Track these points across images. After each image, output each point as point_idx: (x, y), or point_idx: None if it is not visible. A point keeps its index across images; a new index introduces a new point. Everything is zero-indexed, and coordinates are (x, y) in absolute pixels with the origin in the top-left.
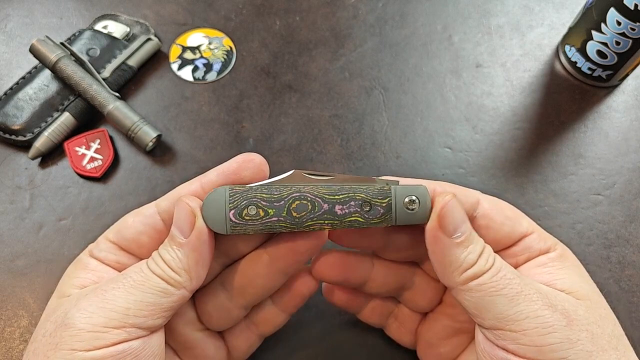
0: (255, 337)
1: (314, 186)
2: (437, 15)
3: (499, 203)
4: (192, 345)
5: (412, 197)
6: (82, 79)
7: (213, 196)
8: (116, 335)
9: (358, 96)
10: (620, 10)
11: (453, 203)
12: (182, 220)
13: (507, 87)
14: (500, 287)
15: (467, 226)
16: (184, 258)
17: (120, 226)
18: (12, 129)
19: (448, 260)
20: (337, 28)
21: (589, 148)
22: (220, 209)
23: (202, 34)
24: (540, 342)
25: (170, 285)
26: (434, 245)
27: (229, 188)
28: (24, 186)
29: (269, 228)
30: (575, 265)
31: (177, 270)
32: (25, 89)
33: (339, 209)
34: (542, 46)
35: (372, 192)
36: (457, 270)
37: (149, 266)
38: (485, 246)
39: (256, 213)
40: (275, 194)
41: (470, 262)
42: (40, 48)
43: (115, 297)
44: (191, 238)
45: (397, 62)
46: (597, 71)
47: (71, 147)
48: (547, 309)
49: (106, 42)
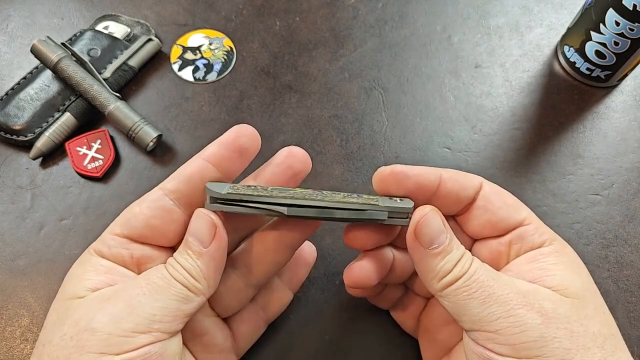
0: (261, 322)
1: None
2: (437, 15)
3: (501, 190)
4: (202, 332)
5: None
6: (83, 80)
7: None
8: (143, 339)
9: (358, 96)
10: (618, 11)
11: (429, 217)
12: (202, 230)
13: (506, 87)
14: (472, 291)
15: (445, 237)
16: (204, 267)
17: (127, 217)
18: (14, 129)
19: (426, 269)
20: (337, 29)
21: (588, 148)
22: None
23: (203, 35)
24: (513, 341)
25: (192, 293)
26: (413, 255)
27: (230, 185)
28: (25, 186)
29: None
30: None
31: (197, 278)
32: (26, 89)
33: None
34: (541, 47)
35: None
36: (435, 279)
37: (170, 272)
38: (464, 252)
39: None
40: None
41: (445, 271)
42: (41, 48)
43: (141, 304)
44: (211, 248)
45: (397, 63)
46: (596, 71)
47: (72, 147)
48: (520, 308)
49: (107, 43)
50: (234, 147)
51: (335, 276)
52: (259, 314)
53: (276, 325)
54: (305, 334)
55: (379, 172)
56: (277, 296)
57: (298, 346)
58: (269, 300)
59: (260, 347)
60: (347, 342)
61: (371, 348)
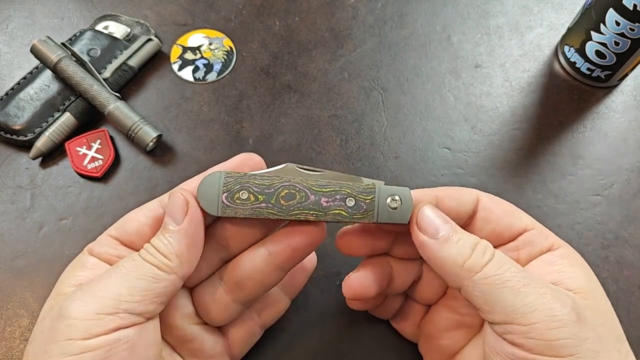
0: (256, 327)
1: (304, 178)
2: (436, 15)
3: (498, 199)
4: (189, 339)
5: (394, 197)
6: (83, 79)
7: (209, 179)
8: (110, 322)
9: (357, 96)
10: (619, 11)
11: (424, 207)
12: (175, 208)
13: (506, 87)
14: (506, 279)
15: (450, 225)
16: (176, 243)
17: (122, 221)
18: (13, 129)
19: (443, 261)
20: (337, 29)
21: (588, 148)
22: (214, 191)
23: (203, 35)
24: (550, 336)
25: (162, 271)
26: (425, 250)
27: (225, 173)
28: (24, 186)
29: (257, 213)
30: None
31: (168, 255)
32: (26, 89)
33: (324, 201)
34: (541, 46)
35: (357, 188)
36: (456, 265)
37: (141, 254)
38: (479, 241)
39: (247, 198)
40: (267, 182)
41: (464, 255)
42: (41, 48)
43: (107, 285)
44: (183, 224)
45: (396, 63)
46: (596, 71)
47: (72, 147)
48: (556, 303)
49: (107, 43)
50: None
51: (336, 277)
52: (254, 319)
53: (275, 326)
54: (305, 335)
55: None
56: (273, 303)
57: (298, 347)
58: (265, 306)
59: (259, 348)
60: (347, 343)
61: (371, 349)
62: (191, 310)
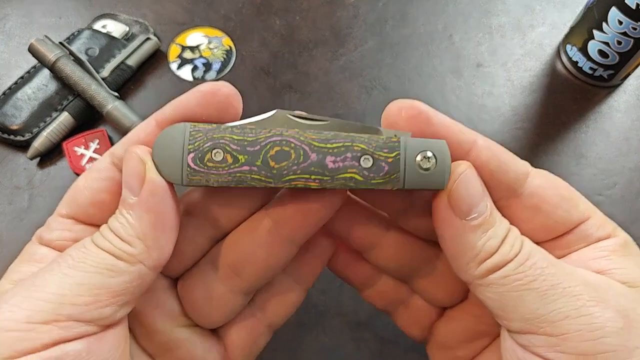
0: (262, 327)
1: (301, 130)
2: (438, 14)
3: (554, 180)
4: (175, 346)
5: (427, 153)
6: (81, 79)
7: (168, 134)
8: (45, 333)
9: (358, 96)
10: (621, 9)
11: (468, 174)
12: (129, 173)
13: (508, 86)
14: (530, 280)
15: (486, 204)
16: (136, 222)
17: (71, 193)
18: (11, 129)
19: (462, 248)
20: (338, 27)
21: (591, 148)
22: (176, 151)
23: (202, 34)
24: (587, 349)
25: (121, 260)
26: (444, 229)
27: (190, 125)
28: (22, 186)
29: (237, 180)
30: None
31: (127, 239)
32: (24, 89)
33: (330, 162)
34: (543, 46)
35: (375, 143)
36: (474, 261)
37: (94, 240)
38: (510, 228)
39: (223, 159)
40: (250, 137)
41: (490, 250)
42: (39, 47)
43: (45, 283)
44: (142, 195)
45: (398, 62)
46: (599, 71)
47: (70, 147)
48: (595, 306)
49: (105, 42)
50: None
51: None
52: (256, 316)
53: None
54: (305, 336)
55: (389, 107)
56: (282, 293)
57: (296, 348)
58: (270, 299)
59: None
60: (347, 345)
61: (373, 351)
62: (176, 309)
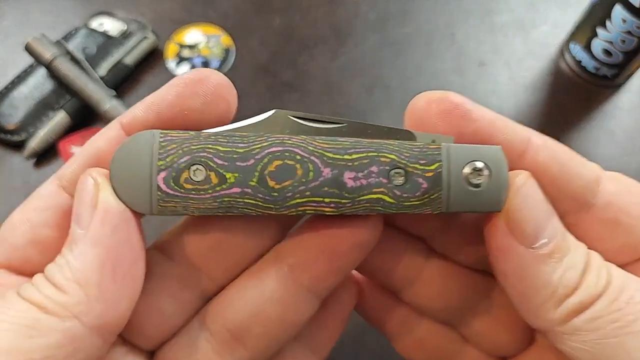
0: None
1: (309, 138)
2: (440, 13)
3: (633, 184)
4: None
5: (477, 164)
6: (78, 78)
7: (130, 145)
8: None
9: (359, 95)
10: (625, 7)
11: (530, 188)
12: (80, 201)
13: (511, 86)
14: (631, 319)
15: (555, 225)
16: (77, 260)
17: (4, 232)
18: (7, 129)
19: (531, 286)
20: (338, 26)
21: (595, 147)
22: (141, 169)
23: (200, 32)
24: None
25: (47, 314)
26: (504, 261)
27: (160, 133)
28: (18, 187)
29: (225, 207)
30: None
31: (61, 284)
32: (20, 88)
33: (350, 179)
34: (546, 44)
35: (409, 152)
36: (550, 301)
37: (19, 290)
38: (590, 253)
39: (205, 178)
40: (241, 147)
41: (570, 285)
42: (36, 46)
43: None
44: (92, 226)
45: (399, 61)
46: (603, 70)
47: (66, 147)
48: None
49: (102, 40)
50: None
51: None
52: None
53: None
54: None
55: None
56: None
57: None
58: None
59: None
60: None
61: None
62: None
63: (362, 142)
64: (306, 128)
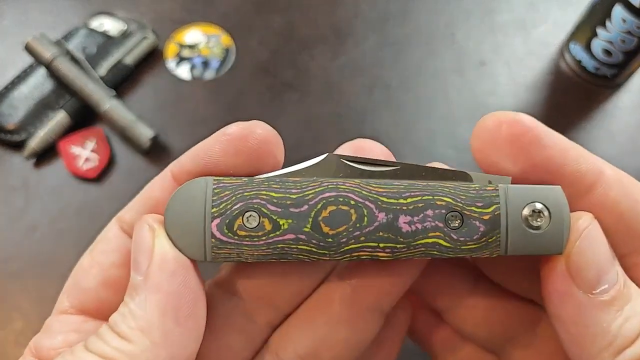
0: None
1: (363, 182)
2: (440, 12)
3: None
4: None
5: (536, 206)
6: (78, 78)
7: (184, 193)
8: None
9: (359, 95)
10: (625, 7)
11: (593, 231)
12: (137, 249)
13: (511, 85)
14: None
15: (616, 271)
16: (139, 308)
17: (73, 278)
18: (7, 129)
19: (588, 333)
20: (338, 25)
21: (595, 148)
22: (195, 217)
23: (200, 31)
24: None
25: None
26: (561, 306)
27: (213, 180)
28: (18, 187)
29: (279, 253)
30: None
31: (126, 334)
32: (20, 88)
33: (405, 223)
34: (546, 44)
35: (465, 194)
36: (608, 350)
37: (86, 343)
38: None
39: (259, 225)
40: (294, 193)
41: (629, 335)
42: (36, 46)
43: None
44: (148, 271)
45: (399, 60)
46: (603, 70)
47: (66, 147)
48: None
49: (102, 40)
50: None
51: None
52: None
53: None
54: None
55: (484, 121)
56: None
57: None
58: None
59: None
60: None
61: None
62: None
63: (417, 185)
64: (359, 171)
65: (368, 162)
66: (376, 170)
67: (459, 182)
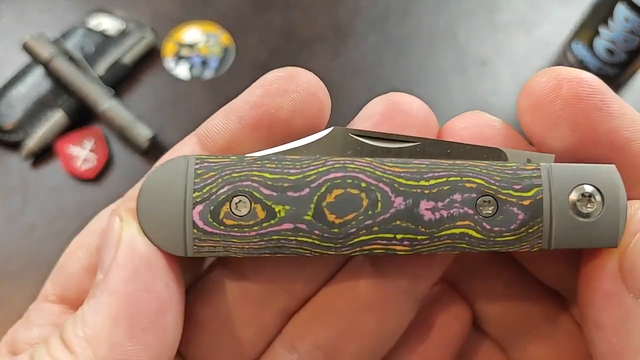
0: None
1: (376, 160)
2: (441, 11)
3: None
4: None
5: (585, 188)
6: (76, 77)
7: (160, 175)
8: None
9: (359, 94)
10: (628, 6)
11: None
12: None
13: (513, 85)
14: None
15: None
16: (91, 314)
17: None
18: (5, 128)
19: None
20: (338, 24)
21: None
22: (173, 202)
23: (199, 30)
24: None
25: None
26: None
27: (195, 159)
28: (16, 187)
29: (274, 247)
30: None
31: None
32: (17, 87)
33: (427, 210)
34: (548, 43)
35: (499, 174)
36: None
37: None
38: None
39: (250, 212)
40: (293, 173)
41: None
42: (34, 45)
43: None
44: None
45: (400, 60)
46: (605, 69)
47: (64, 147)
48: None
49: (100, 39)
50: (283, 92)
51: None
52: None
53: None
54: None
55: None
56: None
57: None
58: None
59: None
60: None
61: None
62: None
63: (442, 165)
64: (371, 148)
65: (382, 137)
66: (392, 147)
67: (491, 160)
